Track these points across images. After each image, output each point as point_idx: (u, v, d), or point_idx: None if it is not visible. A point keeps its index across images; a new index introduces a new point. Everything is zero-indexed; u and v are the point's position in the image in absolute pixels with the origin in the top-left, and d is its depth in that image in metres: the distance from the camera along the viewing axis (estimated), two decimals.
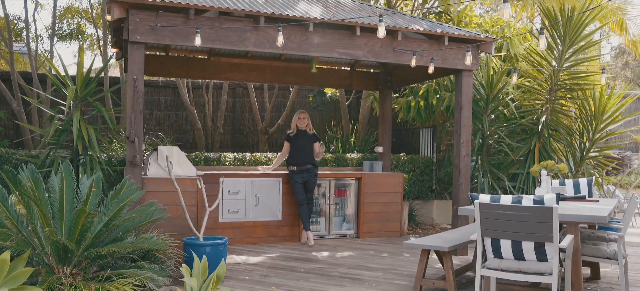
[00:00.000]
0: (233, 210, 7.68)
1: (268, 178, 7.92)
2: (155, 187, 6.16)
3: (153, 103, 11.15)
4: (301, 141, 7.84)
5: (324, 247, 7.62)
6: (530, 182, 8.89)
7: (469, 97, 7.37)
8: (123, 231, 4.90)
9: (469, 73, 7.36)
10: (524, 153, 9.01)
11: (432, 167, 10.30)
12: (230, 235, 7.64)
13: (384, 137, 9.39)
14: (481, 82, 8.94)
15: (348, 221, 8.51)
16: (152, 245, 4.64)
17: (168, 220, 6.21)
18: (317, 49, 6.54)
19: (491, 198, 4.10)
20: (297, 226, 8.06)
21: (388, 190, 8.56)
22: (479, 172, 8.85)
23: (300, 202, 7.76)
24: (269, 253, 7.13)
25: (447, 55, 7.14)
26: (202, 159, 8.89)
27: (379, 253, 7.27)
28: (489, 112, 8.96)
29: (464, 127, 7.38)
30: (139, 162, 5.77)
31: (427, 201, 10.29)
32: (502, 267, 4.13)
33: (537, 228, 3.94)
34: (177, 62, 8.36)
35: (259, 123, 11.10)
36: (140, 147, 5.84)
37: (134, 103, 5.80)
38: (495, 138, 9.10)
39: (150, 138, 10.06)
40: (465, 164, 7.41)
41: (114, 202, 4.92)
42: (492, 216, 4.06)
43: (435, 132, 10.47)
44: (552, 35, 8.93)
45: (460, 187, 7.40)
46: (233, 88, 11.60)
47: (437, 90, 9.73)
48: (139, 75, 5.85)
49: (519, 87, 9.39)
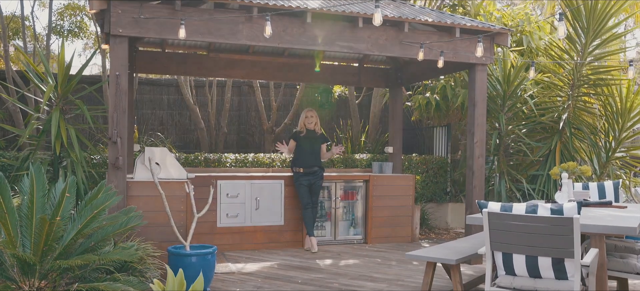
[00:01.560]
0: (232, 214, 7.25)
1: (270, 180, 7.47)
2: (141, 191, 5.74)
3: (155, 102, 10.78)
4: (309, 142, 7.37)
5: (328, 254, 7.15)
6: (551, 184, 8.29)
7: (483, 92, 6.82)
8: (97, 240, 4.47)
9: (482, 67, 6.81)
10: (544, 153, 8.41)
11: (446, 168, 9.76)
12: (229, 241, 7.22)
13: (394, 136, 8.88)
14: (497, 78, 8.37)
15: (355, 226, 8.03)
16: (126, 256, 4.21)
17: (155, 227, 5.80)
18: (316, 42, 6.06)
19: (502, 206, 3.58)
20: (300, 231, 7.60)
21: (398, 193, 8.06)
22: (496, 173, 8.28)
23: (305, 206, 7.31)
24: (269, 260, 6.68)
25: (458, 48, 6.60)
26: (201, 160, 8.48)
27: (387, 261, 6.77)
28: (506, 110, 8.38)
29: (478, 125, 6.83)
30: (121, 165, 5.35)
31: (441, 204, 9.75)
32: (515, 286, 3.61)
33: (556, 242, 3.41)
34: (173, 59, 7.96)
35: (265, 122, 10.66)
36: (124, 148, 5.43)
37: (117, 101, 5.39)
38: (513, 137, 8.51)
39: (149, 138, 9.68)
40: (479, 165, 6.87)
41: (88, 209, 4.50)
42: (503, 227, 3.53)
43: (450, 131, 9.92)
44: (574, 26, 8.32)
45: (473, 190, 6.86)
46: (238, 86, 11.17)
47: (453, 87, 9.17)
48: (122, 71, 5.43)
49: (538, 83, 8.79)
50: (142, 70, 7.87)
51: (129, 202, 5.65)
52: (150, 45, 7.88)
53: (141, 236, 5.51)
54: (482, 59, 6.71)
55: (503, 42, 6.73)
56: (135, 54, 7.61)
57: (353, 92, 11.03)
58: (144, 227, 5.72)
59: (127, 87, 5.50)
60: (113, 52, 5.42)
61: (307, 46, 6.02)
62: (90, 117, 5.88)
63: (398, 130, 8.86)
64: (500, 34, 6.67)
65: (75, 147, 5.69)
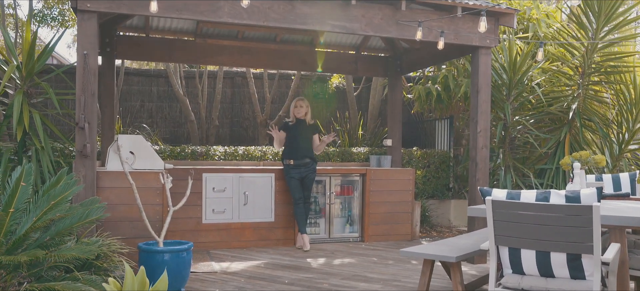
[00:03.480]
0: (218, 209, 6.78)
1: (259, 173, 6.99)
2: (112, 182, 5.26)
3: (144, 93, 10.30)
4: (299, 132, 6.89)
5: (321, 253, 6.66)
6: (560, 178, 7.78)
7: (486, 78, 6.32)
8: (53, 234, 3.99)
9: (486, 51, 6.30)
10: (552, 145, 7.89)
11: (448, 163, 9.25)
12: (215, 239, 6.74)
13: (393, 128, 8.38)
14: (503, 65, 7.85)
15: (352, 223, 7.54)
16: (83, 253, 3.72)
17: (128, 222, 5.32)
18: (306, 21, 5.56)
19: (508, 194, 3.07)
20: (292, 228, 7.12)
21: (397, 188, 7.56)
22: (501, 167, 7.77)
23: (296, 201, 6.82)
24: (256, 259, 6.20)
25: (460, 29, 6.10)
26: (189, 153, 8.00)
27: (384, 260, 6.28)
28: (512, 99, 7.86)
29: (482, 113, 6.33)
30: (89, 153, 4.87)
31: (443, 200, 9.24)
32: (524, 286, 3.10)
33: (572, 235, 2.91)
34: (158, 45, 7.48)
35: (259, 115, 10.17)
36: (93, 134, 4.95)
37: (85, 83, 4.91)
38: (519, 129, 7.99)
39: (135, 130, 9.20)
40: (482, 157, 6.37)
41: (45, 199, 4.03)
42: (509, 218, 3.03)
43: (452, 124, 9.41)
44: (585, 11, 7.80)
45: (477, 183, 6.35)
46: (231, 77, 10.69)
47: (455, 77, 8.67)
48: (90, 50, 4.95)
49: (546, 71, 8.27)
50: (124, 55, 7.39)
51: (99, 193, 5.18)
52: (132, 30, 7.41)
53: (112, 231, 5.05)
54: (486, 41, 6.21)
55: (509, 24, 6.23)
56: (115, 37, 7.15)
57: (351, 83, 10.53)
58: (116, 221, 5.25)
59: (97, 68, 5.01)
60: (81, 28, 4.94)
61: (295, 25, 5.53)
62: (56, 101, 5.40)
63: (397, 122, 8.36)
64: (505, 14, 6.17)
65: (40, 134, 5.22)
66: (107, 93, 7.16)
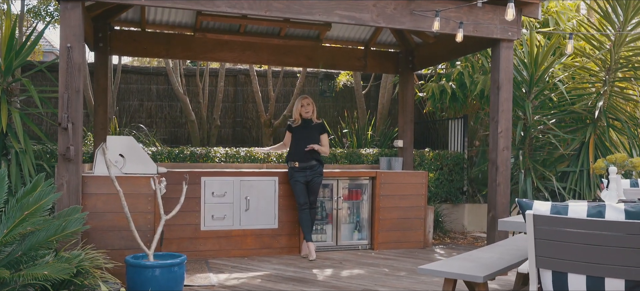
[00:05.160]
0: (218, 216, 6.32)
1: (262, 176, 6.52)
2: (99, 187, 4.79)
3: (144, 92, 9.85)
4: (305, 133, 6.42)
5: (328, 262, 6.18)
6: (584, 182, 7.25)
7: (508, 73, 5.81)
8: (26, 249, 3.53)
9: (508, 44, 5.80)
10: (575, 147, 7.36)
11: (462, 165, 8.74)
12: (214, 247, 6.29)
13: (405, 128, 7.88)
14: (522, 60, 7.33)
15: (360, 230, 7.06)
16: (56, 271, 3.25)
17: (116, 232, 4.85)
18: (311, 11, 5.07)
19: (553, 207, 2.58)
20: (297, 235, 6.65)
21: (409, 192, 7.07)
22: (521, 170, 7.25)
23: (301, 206, 6.35)
24: (258, 269, 5.73)
25: (480, 20, 5.60)
26: (187, 155, 7.53)
27: (396, 271, 5.79)
28: (532, 97, 7.34)
29: (503, 112, 5.83)
30: (73, 156, 4.41)
31: (457, 205, 8.74)
32: None
33: (633, 258, 2.42)
34: (155, 39, 7.02)
35: (263, 114, 9.68)
36: (77, 135, 4.49)
37: (68, 79, 4.44)
38: (539, 128, 7.47)
39: (132, 131, 8.74)
40: (504, 159, 5.87)
41: (17, 209, 3.56)
42: (555, 236, 2.54)
43: (467, 124, 8.90)
44: (611, 3, 7.26)
45: (497, 188, 5.85)
46: (234, 75, 10.21)
47: (471, 74, 8.15)
48: (75, 43, 4.49)
49: (567, 68, 7.75)
50: (119, 51, 6.95)
51: (85, 200, 4.71)
52: (127, 23, 6.96)
53: (99, 242, 4.59)
54: (508, 33, 5.71)
55: (533, 14, 5.72)
56: (109, 32, 6.70)
57: (359, 80, 10.03)
58: (104, 231, 4.79)
59: (83, 62, 4.55)
60: (64, 19, 4.48)
61: (300, 15, 5.04)
62: (38, 99, 4.94)
63: (409, 122, 7.86)
64: (529, 4, 5.66)
65: (20, 135, 4.77)
66: (100, 91, 6.70)
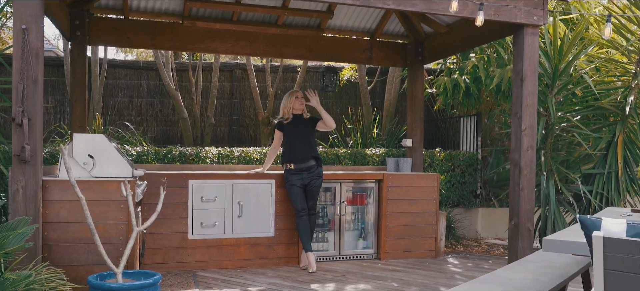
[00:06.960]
0: (208, 223, 5.68)
1: (256, 179, 5.87)
2: (63, 194, 4.14)
3: (133, 88, 9.21)
4: (298, 129, 5.78)
5: (329, 275, 5.53)
6: (612, 186, 6.57)
7: (533, 63, 5.15)
8: None
9: (533, 30, 5.13)
10: (602, 146, 6.68)
11: (476, 166, 8.07)
12: (203, 258, 5.65)
13: (414, 126, 7.22)
14: (544, 50, 6.65)
15: (366, 238, 6.42)
16: None
17: (84, 245, 4.20)
18: None
19: (630, 227, 1.91)
20: (295, 244, 6.01)
21: (419, 196, 6.42)
22: (543, 171, 6.57)
23: (299, 213, 5.71)
24: (252, 284, 5.09)
25: (501, 3, 4.93)
26: (176, 156, 6.88)
27: (406, 285, 5.13)
28: (555, 92, 6.66)
29: (527, 106, 5.16)
30: (29, 157, 3.76)
31: (470, 209, 8.07)
32: None
33: None
34: (139, 28, 6.38)
35: (261, 112, 9.03)
36: (35, 133, 3.84)
37: (23, 67, 3.80)
38: (562, 126, 6.79)
39: (117, 129, 8.09)
40: (528, 160, 5.20)
41: None
42: (633, 267, 1.87)
43: (480, 122, 8.22)
44: None
45: (521, 192, 5.18)
46: (230, 70, 9.56)
47: (486, 67, 7.48)
48: (32, 25, 3.84)
49: (592, 60, 7.06)
50: (99, 41, 6.31)
51: (46, 208, 4.06)
52: (108, 11, 6.32)
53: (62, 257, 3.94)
54: (533, 18, 5.04)
55: None
56: (88, 20, 6.06)
57: (364, 75, 9.36)
58: (68, 244, 4.14)
59: (41, 48, 3.90)
60: None
61: None
62: None
63: (418, 119, 7.20)
64: None
65: None
66: (78, 84, 6.08)
